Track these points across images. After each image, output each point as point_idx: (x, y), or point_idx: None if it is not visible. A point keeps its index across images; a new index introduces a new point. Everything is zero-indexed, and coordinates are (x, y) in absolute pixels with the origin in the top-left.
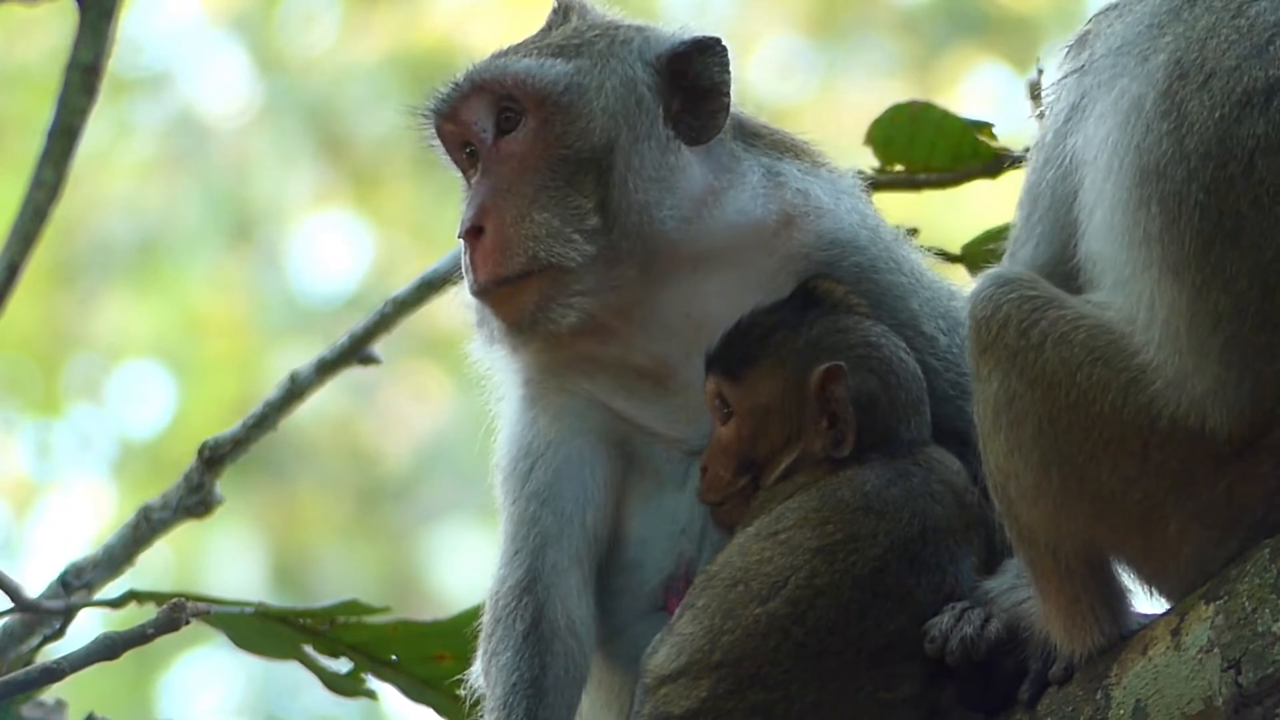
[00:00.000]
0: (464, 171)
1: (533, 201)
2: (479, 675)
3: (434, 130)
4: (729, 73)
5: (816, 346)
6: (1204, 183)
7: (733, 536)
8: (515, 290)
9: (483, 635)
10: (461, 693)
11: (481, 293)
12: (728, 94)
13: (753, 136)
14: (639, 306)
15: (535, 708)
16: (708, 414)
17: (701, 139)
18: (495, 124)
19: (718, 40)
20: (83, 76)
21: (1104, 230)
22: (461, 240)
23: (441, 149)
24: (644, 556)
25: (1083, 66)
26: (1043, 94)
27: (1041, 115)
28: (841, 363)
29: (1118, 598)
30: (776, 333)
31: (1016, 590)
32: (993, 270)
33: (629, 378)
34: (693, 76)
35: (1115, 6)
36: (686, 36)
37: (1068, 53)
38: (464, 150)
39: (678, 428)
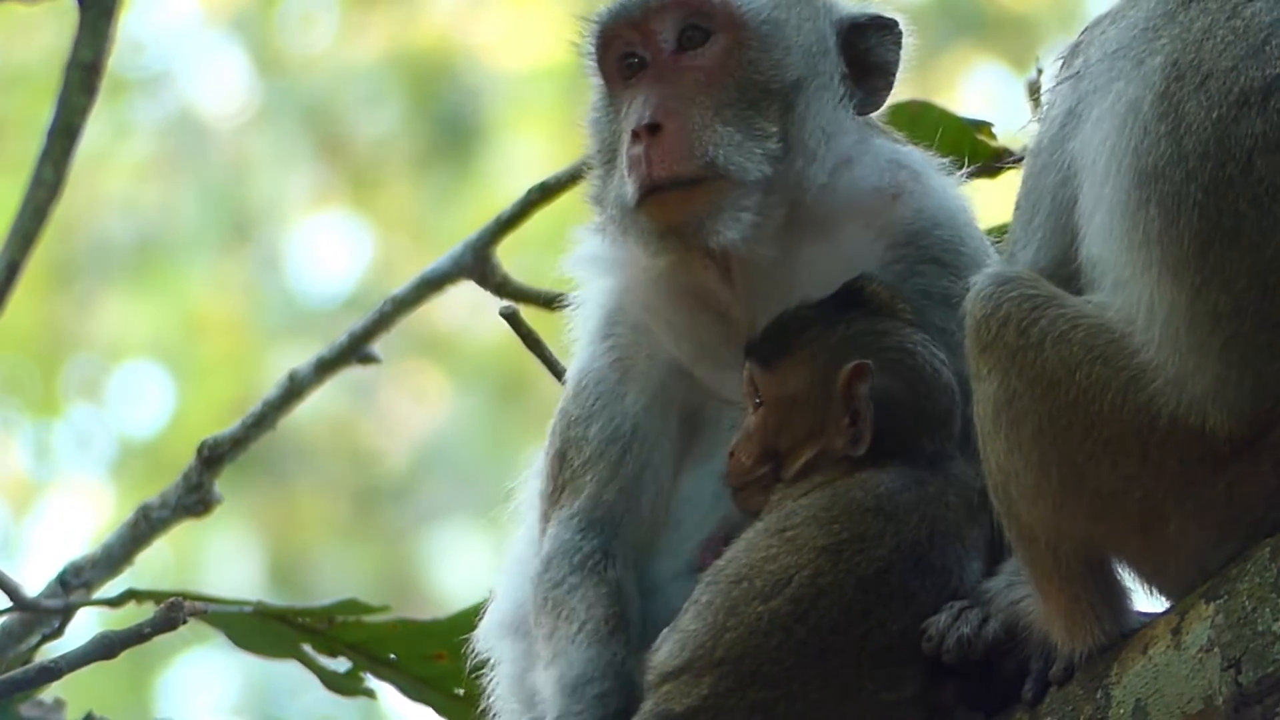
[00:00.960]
0: (610, 80)
1: (716, 114)
2: (536, 633)
3: (601, 30)
4: (900, 55)
5: (850, 345)
6: (1202, 183)
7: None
8: (686, 195)
9: (545, 598)
10: (460, 691)
11: (653, 188)
12: (894, 74)
13: (876, 125)
14: (767, 258)
15: (609, 691)
16: None
17: (863, 111)
18: (677, 37)
19: (896, 22)
20: (83, 75)
21: (1103, 233)
22: (629, 135)
23: (593, 51)
24: (686, 515)
25: (1077, 72)
26: (1041, 97)
27: (1041, 121)
28: (869, 361)
29: (1118, 597)
30: (813, 327)
31: (1014, 589)
32: (992, 269)
33: (717, 342)
34: (864, 50)
35: (1109, 15)
36: (870, 10)
37: (1062, 62)
38: (626, 59)
39: None
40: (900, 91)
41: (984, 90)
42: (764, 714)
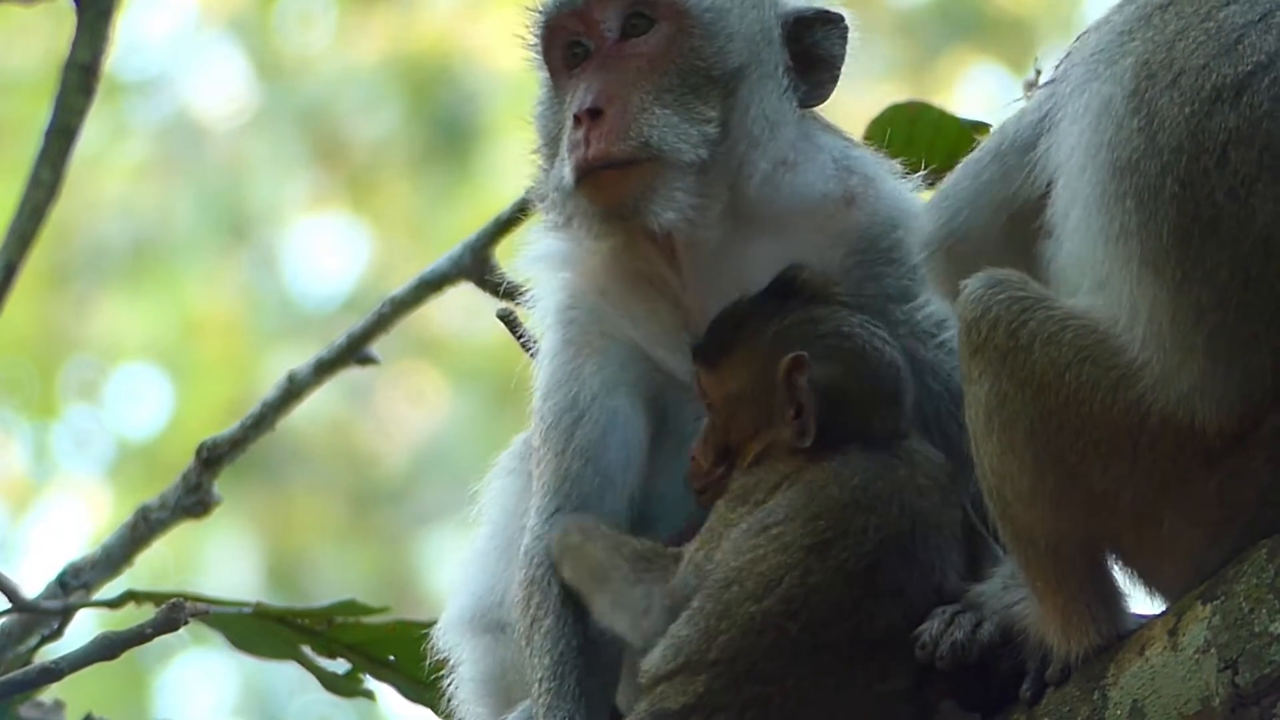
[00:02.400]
0: (554, 69)
1: (657, 99)
2: (518, 633)
3: (546, 21)
4: (845, 50)
5: (786, 336)
6: (1178, 176)
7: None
8: (621, 175)
9: (520, 597)
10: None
11: (588, 171)
12: (839, 69)
13: (827, 125)
14: (710, 243)
15: (584, 677)
16: None
17: (807, 103)
18: (620, 25)
19: (842, 17)
20: (80, 76)
21: (1081, 229)
22: (572, 119)
23: (538, 43)
24: (659, 512)
25: (1058, 77)
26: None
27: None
28: (804, 353)
29: (1114, 598)
30: (749, 323)
31: (1009, 592)
32: (983, 272)
33: (673, 328)
34: (809, 43)
35: (1097, 22)
36: (815, 4)
37: (1055, 68)
38: (570, 47)
39: None
40: (898, 92)
41: (982, 92)
42: (758, 708)
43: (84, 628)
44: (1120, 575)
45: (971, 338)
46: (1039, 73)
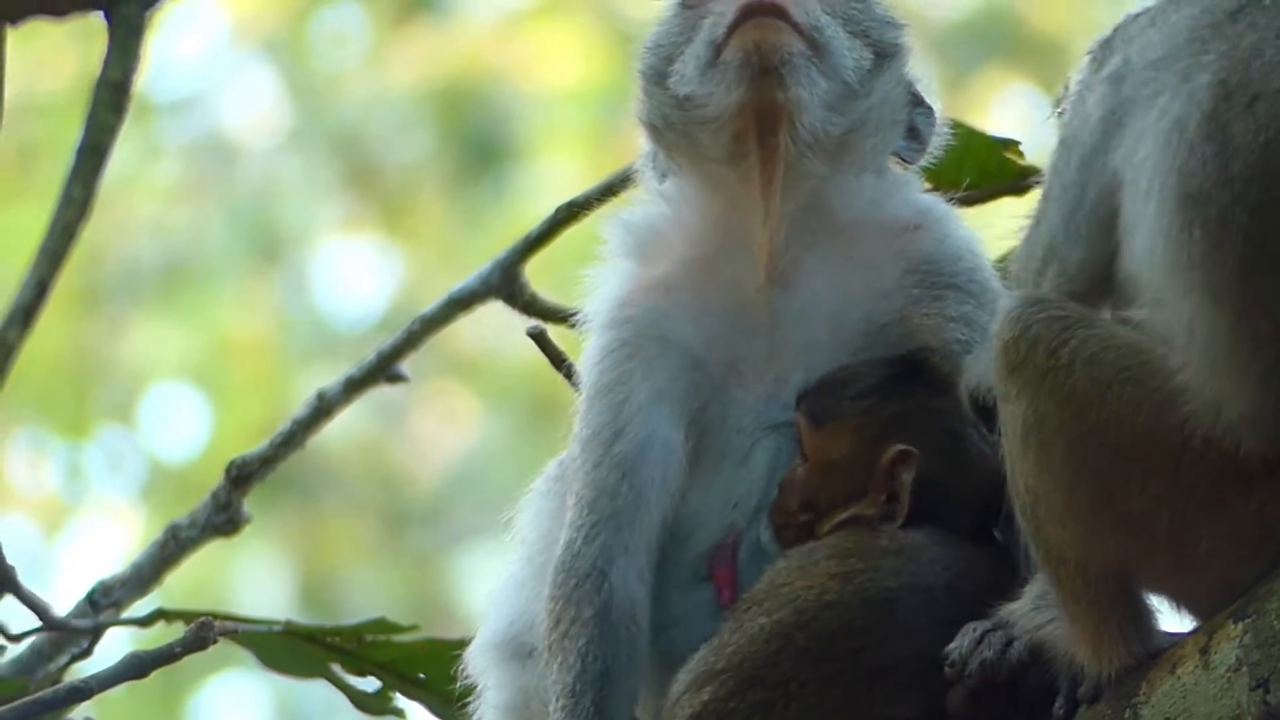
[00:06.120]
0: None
1: (827, 8)
2: (544, 647)
3: None
4: (931, 135)
5: (901, 422)
6: (1248, 206)
7: None
8: (788, 28)
9: (549, 610)
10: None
11: (756, 11)
12: (925, 145)
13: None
14: (810, 184)
15: (602, 700)
16: (791, 384)
17: (902, 154)
18: None
19: (933, 110)
20: (111, 94)
21: (1144, 254)
22: None
23: None
24: (694, 528)
25: (1116, 71)
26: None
27: (1073, 113)
28: (914, 450)
29: (1145, 616)
30: (868, 396)
31: (1040, 613)
32: (1020, 292)
33: (740, 329)
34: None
35: (1146, 14)
36: (922, 84)
37: (1093, 56)
38: None
39: (762, 385)
40: None
41: (1016, 112)
42: (763, 714)
43: (114, 646)
44: (1151, 594)
45: (1010, 356)
46: (1068, 89)
